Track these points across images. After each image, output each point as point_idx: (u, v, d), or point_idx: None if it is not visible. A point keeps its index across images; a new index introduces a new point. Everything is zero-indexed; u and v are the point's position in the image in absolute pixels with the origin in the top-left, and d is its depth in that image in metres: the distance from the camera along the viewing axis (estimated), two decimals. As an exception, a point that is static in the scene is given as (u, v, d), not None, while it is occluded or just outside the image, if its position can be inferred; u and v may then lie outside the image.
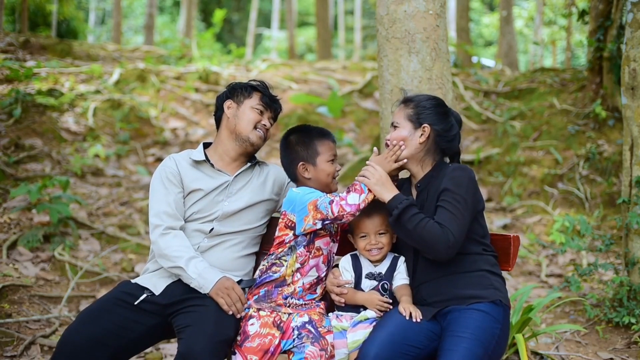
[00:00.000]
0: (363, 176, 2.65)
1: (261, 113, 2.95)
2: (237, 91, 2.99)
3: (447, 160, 2.85)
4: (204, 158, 2.93)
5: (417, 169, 2.76)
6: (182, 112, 9.59)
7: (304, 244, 2.70)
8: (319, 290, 2.80)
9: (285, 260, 2.71)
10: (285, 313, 2.69)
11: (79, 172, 7.07)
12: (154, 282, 2.80)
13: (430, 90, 3.57)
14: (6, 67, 8.85)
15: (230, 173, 2.94)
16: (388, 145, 2.78)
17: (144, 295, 2.75)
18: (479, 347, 2.45)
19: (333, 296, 2.73)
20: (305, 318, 2.67)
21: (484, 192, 7.22)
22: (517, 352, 3.66)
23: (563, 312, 4.65)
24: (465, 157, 7.61)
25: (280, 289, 2.71)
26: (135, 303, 2.72)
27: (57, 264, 5.12)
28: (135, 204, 6.66)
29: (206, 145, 3.04)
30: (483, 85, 9.85)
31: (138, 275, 2.94)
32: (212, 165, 2.93)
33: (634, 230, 4.07)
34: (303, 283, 2.72)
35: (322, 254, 2.73)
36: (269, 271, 2.74)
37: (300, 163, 2.79)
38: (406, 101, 2.81)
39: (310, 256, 2.71)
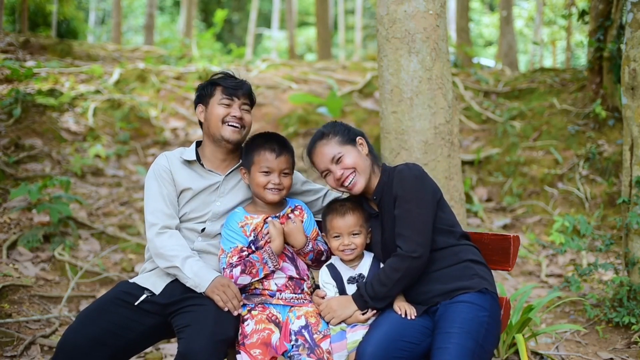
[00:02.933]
0: (328, 318, 2.67)
1: (228, 105, 2.87)
2: (202, 93, 2.94)
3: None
4: (194, 158, 2.91)
5: (371, 181, 2.77)
6: (182, 112, 9.59)
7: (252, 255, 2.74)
8: (305, 287, 2.79)
9: None
10: (277, 304, 2.72)
11: (79, 172, 7.07)
12: (153, 281, 2.80)
13: (430, 90, 3.58)
14: (6, 67, 8.85)
15: (221, 173, 2.93)
16: (341, 184, 2.74)
17: (144, 296, 2.75)
18: (469, 339, 2.45)
19: (326, 318, 2.71)
20: (302, 321, 2.67)
21: (484, 192, 7.22)
22: (517, 352, 3.66)
23: (563, 312, 4.65)
24: (465, 157, 7.61)
25: (260, 290, 2.76)
26: (136, 304, 2.72)
27: (57, 264, 5.12)
28: (135, 204, 6.66)
29: (200, 144, 3.01)
30: (483, 85, 9.85)
31: (137, 275, 2.93)
32: (202, 165, 2.92)
33: (634, 230, 4.07)
34: (276, 285, 2.74)
35: None
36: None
37: (241, 167, 2.87)
38: (322, 136, 2.78)
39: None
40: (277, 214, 2.84)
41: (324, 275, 2.76)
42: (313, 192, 3.07)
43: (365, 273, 2.73)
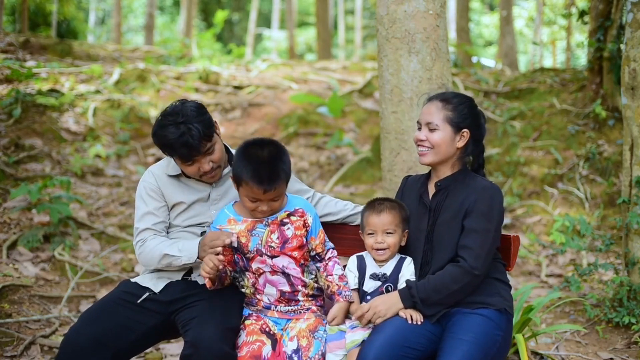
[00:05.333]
0: (374, 319, 2.61)
1: (193, 164, 2.73)
2: (162, 149, 2.77)
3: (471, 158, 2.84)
4: (179, 172, 2.85)
5: (446, 170, 2.74)
6: (182, 112, 9.58)
7: (244, 267, 2.70)
8: (300, 297, 2.72)
9: (243, 281, 2.74)
10: (271, 316, 2.70)
11: (79, 172, 7.07)
12: (154, 282, 2.81)
13: (431, 90, 3.57)
14: (6, 67, 8.85)
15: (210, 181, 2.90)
16: (418, 145, 2.73)
17: (146, 294, 2.75)
18: (479, 351, 2.45)
19: (373, 319, 2.64)
20: (294, 344, 2.61)
21: (484, 192, 7.21)
22: (517, 352, 3.66)
23: (563, 312, 4.65)
24: (465, 157, 7.60)
25: (255, 300, 2.74)
26: (138, 302, 2.72)
27: (57, 264, 5.12)
28: (135, 204, 6.66)
29: None
30: (483, 85, 9.85)
31: (138, 275, 2.94)
32: (189, 176, 2.87)
33: (634, 230, 4.07)
34: (268, 299, 2.71)
35: (264, 271, 2.66)
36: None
37: (232, 175, 2.65)
38: (444, 100, 2.72)
39: (257, 276, 2.69)
40: (268, 220, 2.69)
41: (350, 263, 2.76)
42: (304, 191, 3.01)
43: (389, 273, 2.70)
